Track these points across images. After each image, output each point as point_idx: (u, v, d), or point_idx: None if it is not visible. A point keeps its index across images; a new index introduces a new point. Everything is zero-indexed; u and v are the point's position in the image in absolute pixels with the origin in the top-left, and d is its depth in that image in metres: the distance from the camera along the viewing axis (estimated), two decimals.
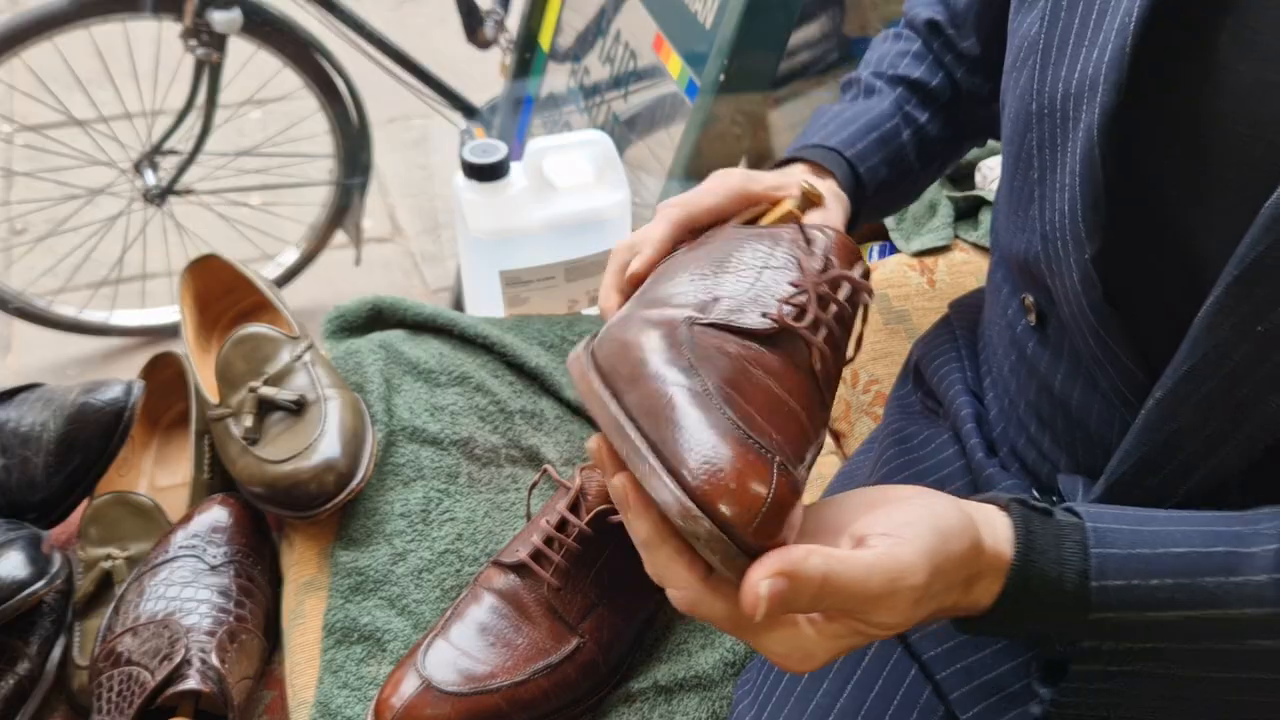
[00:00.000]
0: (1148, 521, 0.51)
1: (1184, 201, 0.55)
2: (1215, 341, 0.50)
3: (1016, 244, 0.64)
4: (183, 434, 0.94)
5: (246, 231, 2.01)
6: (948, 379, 0.78)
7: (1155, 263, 0.56)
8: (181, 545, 0.79)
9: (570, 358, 0.52)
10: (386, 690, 0.68)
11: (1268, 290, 0.48)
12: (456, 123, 1.97)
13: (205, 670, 0.70)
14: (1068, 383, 0.62)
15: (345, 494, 0.79)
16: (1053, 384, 0.63)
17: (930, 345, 0.83)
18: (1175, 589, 0.49)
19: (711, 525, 0.43)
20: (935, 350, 0.82)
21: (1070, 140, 0.56)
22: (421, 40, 2.19)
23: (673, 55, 1.34)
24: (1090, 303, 0.56)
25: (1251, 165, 0.51)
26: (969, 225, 1.10)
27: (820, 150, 0.74)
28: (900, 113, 0.78)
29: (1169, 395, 0.53)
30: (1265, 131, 0.50)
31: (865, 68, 0.83)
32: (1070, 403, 0.63)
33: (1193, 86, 0.53)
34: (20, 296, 1.88)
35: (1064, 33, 0.58)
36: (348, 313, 0.96)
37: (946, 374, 0.79)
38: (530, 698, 0.69)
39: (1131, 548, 0.50)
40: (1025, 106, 0.61)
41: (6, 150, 2.31)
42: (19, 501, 0.82)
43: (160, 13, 1.68)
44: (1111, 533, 0.50)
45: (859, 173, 0.73)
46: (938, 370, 0.80)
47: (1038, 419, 0.66)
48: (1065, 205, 0.56)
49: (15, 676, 0.75)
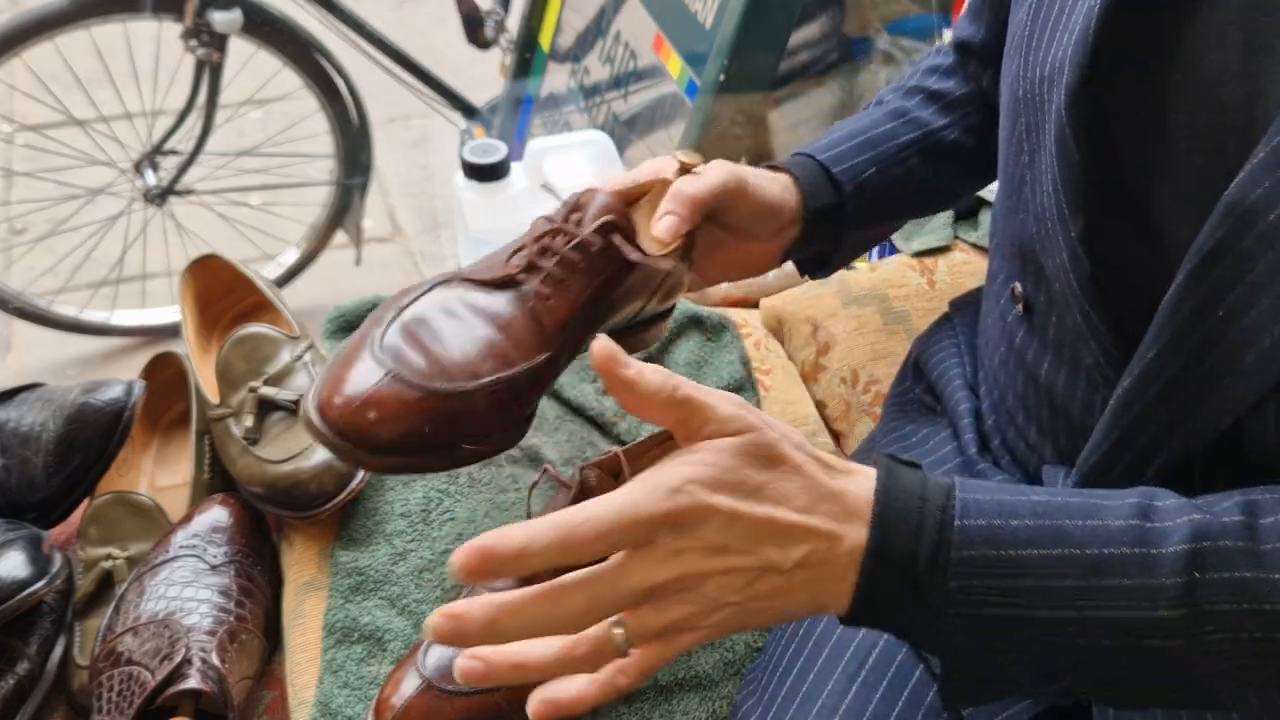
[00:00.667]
0: (1014, 490, 0.51)
1: (1152, 184, 0.56)
2: (1176, 325, 0.52)
3: (1012, 227, 0.66)
4: (183, 434, 0.94)
5: (247, 231, 2.01)
6: (947, 374, 0.79)
7: (1134, 244, 0.58)
8: (182, 545, 0.79)
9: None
10: (387, 690, 0.68)
11: (1224, 274, 0.50)
12: (457, 123, 1.97)
13: (206, 670, 0.70)
14: (1052, 371, 0.64)
15: (345, 494, 0.79)
16: (1039, 373, 0.65)
17: (930, 342, 0.84)
18: (1034, 529, 0.48)
19: (319, 425, 0.57)
20: (935, 346, 0.82)
21: (1047, 122, 0.58)
22: (422, 40, 2.19)
23: (673, 55, 1.34)
24: (1078, 280, 0.58)
25: (1214, 151, 0.52)
26: (969, 226, 1.10)
27: (793, 158, 0.77)
28: (904, 118, 0.80)
29: (1136, 380, 0.54)
30: (1228, 118, 0.52)
31: (891, 91, 0.86)
32: (1055, 390, 0.64)
33: (1158, 71, 0.55)
34: (20, 296, 1.88)
35: (1044, 20, 0.60)
36: (348, 312, 0.96)
37: (946, 369, 0.79)
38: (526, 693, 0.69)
39: (993, 494, 0.50)
40: (1013, 93, 0.63)
41: (7, 150, 2.31)
42: (19, 501, 0.82)
43: (160, 13, 1.69)
44: (973, 485, 0.50)
45: (832, 173, 0.75)
46: (937, 366, 0.80)
47: (1024, 410, 0.68)
48: (1050, 186, 0.58)
49: (15, 676, 0.75)
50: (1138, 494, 0.51)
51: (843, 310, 1.00)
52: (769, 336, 1.04)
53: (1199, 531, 0.48)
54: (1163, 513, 0.49)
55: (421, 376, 0.59)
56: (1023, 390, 0.67)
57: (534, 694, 0.47)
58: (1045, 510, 0.49)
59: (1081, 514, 0.49)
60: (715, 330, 0.99)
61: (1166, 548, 0.48)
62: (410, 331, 0.62)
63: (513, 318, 0.63)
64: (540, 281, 0.63)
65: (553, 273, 0.63)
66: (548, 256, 0.63)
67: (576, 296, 0.63)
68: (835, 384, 0.98)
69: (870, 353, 0.98)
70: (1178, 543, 0.48)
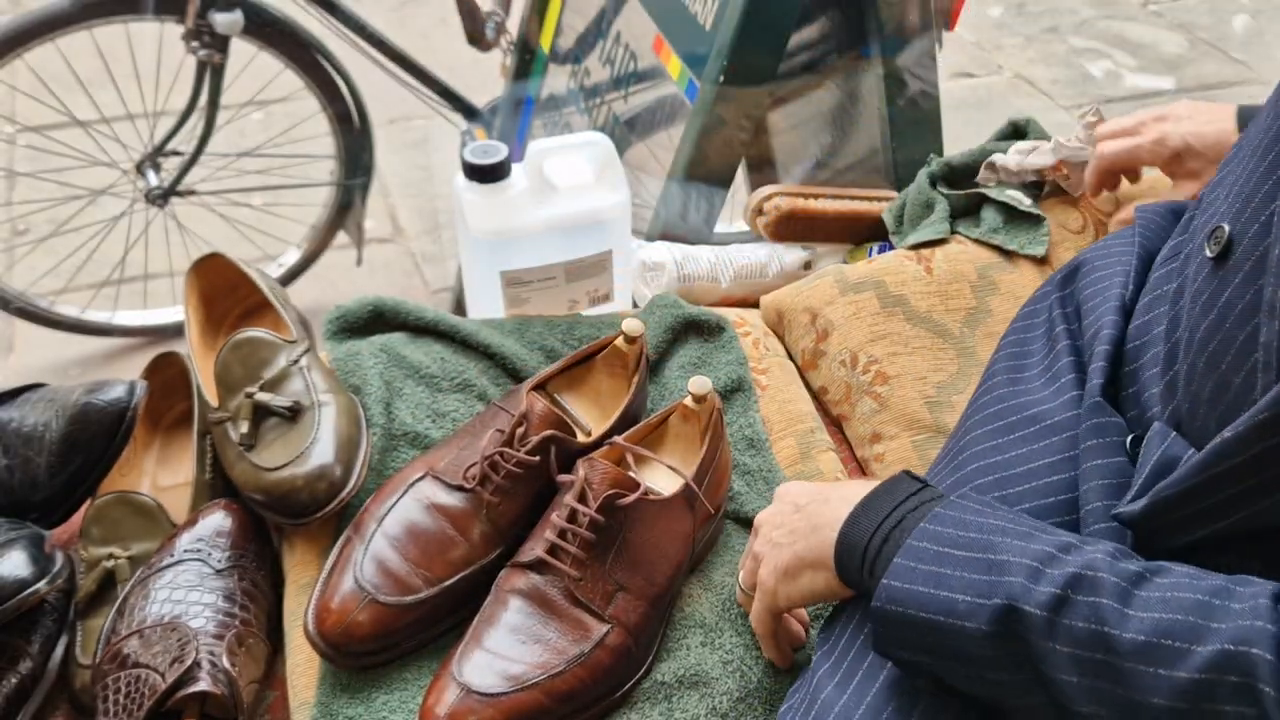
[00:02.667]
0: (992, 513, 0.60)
1: None
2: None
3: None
4: (185, 434, 0.94)
5: (248, 232, 2.02)
6: (1102, 286, 0.78)
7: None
8: (186, 549, 0.79)
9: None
10: (430, 700, 0.69)
11: None
12: (457, 124, 1.97)
13: (216, 673, 0.70)
14: (1234, 326, 0.58)
15: (336, 503, 0.79)
16: (1218, 323, 0.60)
17: (1101, 247, 0.83)
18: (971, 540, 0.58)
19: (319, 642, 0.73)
20: (1103, 251, 0.82)
21: None
22: (422, 41, 2.19)
23: (672, 56, 1.34)
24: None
25: None
26: (970, 223, 1.09)
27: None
28: None
29: (1236, 437, 0.53)
30: None
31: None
32: (1219, 350, 0.59)
33: None
34: (23, 297, 1.88)
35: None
36: (349, 313, 0.96)
37: (1103, 282, 0.78)
38: (569, 689, 0.70)
39: (963, 498, 0.61)
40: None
41: (9, 151, 2.32)
42: (21, 501, 0.82)
43: (162, 14, 1.69)
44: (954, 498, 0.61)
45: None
46: (1097, 278, 0.79)
47: (1176, 355, 0.64)
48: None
49: (17, 675, 0.75)
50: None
51: (840, 298, 1.01)
52: (768, 335, 1.04)
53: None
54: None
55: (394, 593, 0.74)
56: (1188, 336, 0.63)
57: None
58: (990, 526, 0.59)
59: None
60: (714, 331, 0.99)
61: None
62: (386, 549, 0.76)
63: (470, 521, 0.77)
64: (490, 492, 0.78)
65: (500, 484, 0.78)
66: (497, 470, 0.78)
67: (524, 499, 0.79)
68: (835, 367, 0.99)
69: (869, 334, 0.99)
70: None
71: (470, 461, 0.79)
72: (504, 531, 0.78)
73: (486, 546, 0.77)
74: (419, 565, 0.75)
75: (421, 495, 0.78)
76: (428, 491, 0.78)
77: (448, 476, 0.79)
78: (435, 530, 0.77)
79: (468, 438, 0.81)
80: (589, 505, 0.73)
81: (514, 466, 0.78)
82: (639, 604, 0.74)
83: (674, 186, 1.31)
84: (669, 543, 0.77)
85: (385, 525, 0.77)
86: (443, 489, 0.78)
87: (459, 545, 0.76)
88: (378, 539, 0.76)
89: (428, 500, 0.78)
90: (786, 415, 0.95)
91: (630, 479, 0.75)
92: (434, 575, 0.75)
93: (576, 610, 0.72)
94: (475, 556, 0.77)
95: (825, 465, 0.92)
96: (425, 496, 0.78)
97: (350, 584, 0.74)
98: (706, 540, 0.82)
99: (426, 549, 0.76)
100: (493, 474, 0.78)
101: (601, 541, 0.73)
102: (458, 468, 0.79)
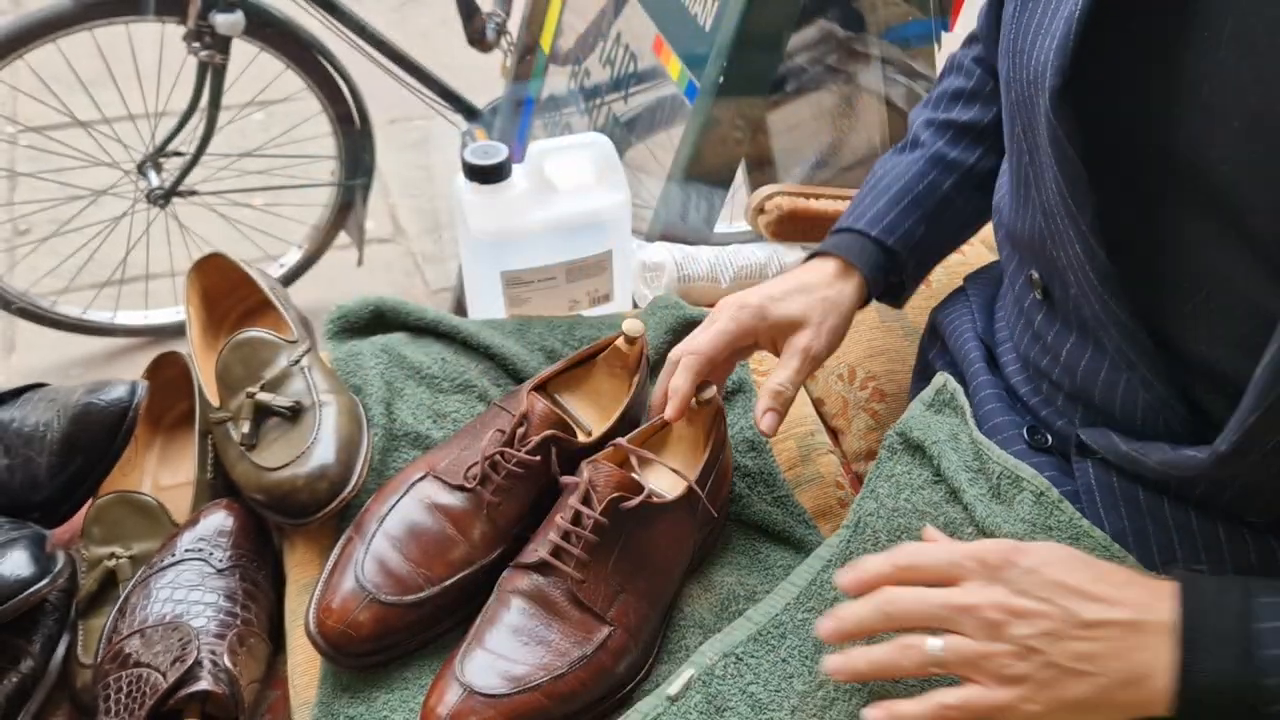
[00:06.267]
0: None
1: (1149, 180, 0.58)
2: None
3: (1021, 223, 0.68)
4: (186, 433, 0.94)
5: (249, 232, 2.02)
6: (959, 329, 0.83)
7: (1144, 229, 0.59)
8: (187, 549, 0.80)
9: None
10: (431, 700, 0.69)
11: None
12: (458, 124, 1.97)
13: (217, 673, 0.70)
14: (1076, 351, 0.66)
15: (337, 502, 0.79)
16: (1060, 353, 0.67)
17: (945, 307, 0.88)
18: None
19: (320, 642, 0.72)
20: (949, 311, 0.87)
21: (1039, 123, 0.60)
22: (423, 42, 2.20)
23: (672, 57, 1.35)
24: (1094, 269, 0.59)
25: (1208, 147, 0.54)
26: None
27: (842, 237, 0.83)
28: (941, 164, 0.84)
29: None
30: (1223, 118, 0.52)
31: (923, 108, 0.89)
32: (1077, 370, 0.66)
33: (1140, 72, 0.56)
34: (24, 297, 1.89)
35: (1026, 26, 0.61)
36: (350, 313, 0.96)
37: (959, 326, 0.83)
38: (570, 690, 0.70)
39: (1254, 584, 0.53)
40: (1008, 96, 0.65)
41: (10, 151, 2.32)
42: (22, 501, 0.82)
43: (163, 15, 1.69)
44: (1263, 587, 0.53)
45: (889, 245, 0.82)
46: (951, 323, 0.85)
47: (1049, 381, 0.70)
48: (1053, 183, 0.60)
49: (18, 675, 0.75)
50: None
51: None
52: None
53: None
54: None
55: (395, 592, 0.74)
56: (1046, 367, 0.70)
57: (875, 706, 0.56)
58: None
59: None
60: None
61: None
62: (387, 548, 0.76)
63: (470, 521, 0.77)
64: (491, 492, 0.78)
65: (501, 484, 0.78)
66: (498, 470, 0.78)
67: (524, 499, 0.79)
68: (833, 381, 0.99)
69: (867, 349, 0.99)
70: None
71: (471, 462, 0.79)
72: (505, 531, 0.78)
73: (487, 546, 0.77)
74: (420, 565, 0.75)
75: (422, 495, 0.78)
76: (429, 491, 0.79)
77: (449, 476, 0.79)
78: (436, 530, 0.77)
79: (468, 438, 0.81)
80: (593, 508, 0.73)
81: (515, 466, 0.78)
82: (641, 606, 0.74)
83: (674, 187, 1.31)
84: (671, 546, 0.77)
85: (386, 525, 0.77)
86: (443, 489, 0.79)
87: (460, 545, 0.77)
88: (379, 539, 0.76)
89: (429, 500, 0.78)
90: (787, 417, 0.95)
91: (634, 482, 0.75)
92: (435, 575, 0.75)
93: (579, 612, 0.72)
94: (476, 556, 0.77)
95: (825, 468, 0.92)
96: (426, 496, 0.78)
97: (351, 584, 0.74)
98: (707, 541, 0.82)
99: (427, 549, 0.76)
100: (493, 474, 0.78)
101: (605, 544, 0.73)
102: (458, 468, 0.79)
